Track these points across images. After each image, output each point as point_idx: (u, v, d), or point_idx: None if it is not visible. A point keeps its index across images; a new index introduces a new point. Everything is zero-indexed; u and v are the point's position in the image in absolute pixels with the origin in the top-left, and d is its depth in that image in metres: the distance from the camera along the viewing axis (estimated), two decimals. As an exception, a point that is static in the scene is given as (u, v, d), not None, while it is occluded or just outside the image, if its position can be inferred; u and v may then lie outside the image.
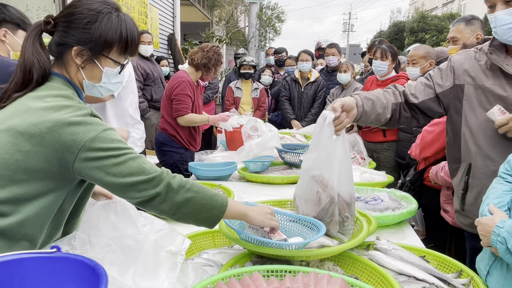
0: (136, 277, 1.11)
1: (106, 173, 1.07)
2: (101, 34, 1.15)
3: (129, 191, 1.10)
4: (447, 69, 1.69)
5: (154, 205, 1.12)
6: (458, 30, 2.75)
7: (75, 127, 1.06)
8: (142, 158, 1.13)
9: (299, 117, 4.60)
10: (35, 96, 1.12)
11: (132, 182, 1.08)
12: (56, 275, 0.91)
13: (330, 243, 1.42)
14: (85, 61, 1.17)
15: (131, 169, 1.09)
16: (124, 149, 1.10)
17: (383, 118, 1.69)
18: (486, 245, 1.22)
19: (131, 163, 1.09)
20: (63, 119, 1.06)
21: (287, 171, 2.77)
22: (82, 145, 1.05)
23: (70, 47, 1.15)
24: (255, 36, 9.77)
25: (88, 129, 1.07)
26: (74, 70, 1.18)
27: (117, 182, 1.08)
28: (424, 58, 3.05)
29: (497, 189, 1.33)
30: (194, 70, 3.20)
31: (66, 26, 1.15)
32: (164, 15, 8.13)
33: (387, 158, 3.46)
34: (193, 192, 1.16)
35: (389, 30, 30.13)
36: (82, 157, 1.06)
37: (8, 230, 1.06)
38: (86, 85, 1.21)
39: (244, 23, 13.89)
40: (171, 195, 1.12)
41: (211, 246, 1.63)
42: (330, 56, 4.71)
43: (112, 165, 1.07)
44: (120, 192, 1.12)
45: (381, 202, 1.97)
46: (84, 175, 1.10)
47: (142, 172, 1.09)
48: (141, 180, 1.09)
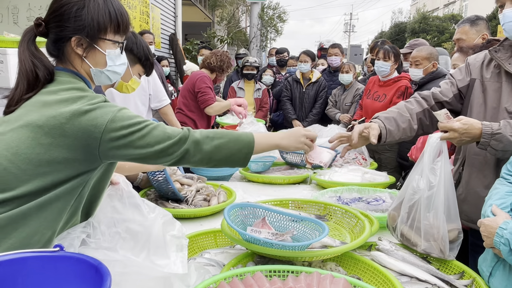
0: (151, 257, 1.17)
1: (135, 148, 1.11)
2: (92, 18, 1.16)
3: (161, 157, 1.15)
4: (465, 66, 1.77)
5: (187, 160, 1.18)
6: (463, 31, 2.74)
7: (92, 113, 1.08)
8: (162, 125, 1.18)
9: (300, 117, 4.60)
10: (48, 91, 1.13)
11: (162, 149, 1.13)
12: (59, 274, 0.91)
13: (333, 244, 1.42)
14: (86, 49, 1.18)
15: (157, 137, 1.13)
16: (144, 122, 1.14)
17: (410, 131, 1.73)
18: (489, 246, 1.22)
19: (154, 132, 1.13)
20: (80, 108, 1.08)
21: (289, 171, 2.77)
22: (103, 127, 1.07)
23: (68, 39, 1.16)
24: (257, 36, 9.77)
25: (105, 111, 1.09)
26: (79, 61, 1.19)
27: (148, 152, 1.12)
28: (427, 59, 3.05)
29: (500, 190, 1.33)
30: (209, 72, 3.52)
31: (58, 20, 1.15)
32: (166, 14, 8.14)
33: (388, 159, 3.46)
34: (218, 138, 1.21)
35: (390, 30, 30.11)
36: (107, 139, 1.08)
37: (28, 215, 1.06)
38: (94, 73, 1.22)
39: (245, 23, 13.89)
40: (199, 147, 1.18)
41: (213, 246, 1.63)
42: (332, 56, 4.70)
43: (138, 138, 1.11)
44: (152, 161, 1.16)
45: (382, 202, 1.97)
46: (112, 156, 1.13)
47: (168, 137, 1.14)
48: (169, 144, 1.14)
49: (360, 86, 4.22)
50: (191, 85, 3.46)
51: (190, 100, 3.48)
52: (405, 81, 3.36)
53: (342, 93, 4.33)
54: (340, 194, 2.13)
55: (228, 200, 2.09)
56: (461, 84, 1.74)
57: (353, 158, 3.04)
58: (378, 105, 3.43)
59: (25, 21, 4.74)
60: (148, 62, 2.07)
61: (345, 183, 2.32)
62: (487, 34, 2.66)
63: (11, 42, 2.54)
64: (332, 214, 1.77)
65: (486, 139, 1.45)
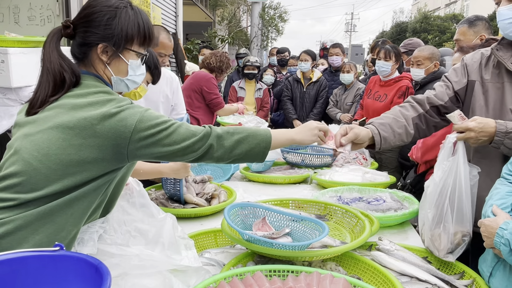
0: (166, 251, 1.22)
1: (163, 145, 1.16)
2: (122, 28, 1.20)
3: (187, 153, 1.20)
4: (461, 67, 1.73)
5: (210, 155, 1.23)
6: (461, 32, 2.73)
7: (121, 114, 1.11)
8: (186, 124, 1.23)
9: (301, 117, 4.59)
10: (76, 94, 1.15)
11: (188, 145, 1.18)
12: (59, 273, 0.91)
13: (333, 243, 1.42)
14: (110, 57, 1.22)
15: (182, 135, 1.18)
16: (169, 121, 1.19)
17: (406, 136, 1.70)
18: (489, 246, 1.21)
19: (180, 130, 1.19)
20: (109, 110, 1.11)
21: (289, 171, 2.77)
22: (133, 127, 1.11)
23: (94, 45, 1.19)
24: (258, 36, 9.77)
25: (133, 112, 1.13)
26: (102, 67, 1.22)
27: (175, 149, 1.17)
28: (428, 59, 3.04)
29: (500, 190, 1.32)
30: (209, 72, 3.62)
31: (87, 26, 1.18)
32: (167, 14, 8.13)
33: (389, 159, 3.45)
34: (238, 133, 1.27)
35: (391, 30, 30.09)
36: (136, 138, 1.12)
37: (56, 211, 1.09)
38: (115, 80, 1.26)
39: (246, 23, 13.88)
40: (221, 142, 1.23)
41: (213, 245, 1.63)
42: (334, 56, 4.70)
43: (165, 136, 1.16)
44: (179, 157, 1.21)
45: (383, 202, 1.96)
46: (140, 155, 1.17)
47: (193, 134, 1.20)
48: (194, 141, 1.19)
49: (361, 85, 4.22)
50: (197, 85, 3.55)
51: (195, 100, 3.56)
52: (406, 81, 3.36)
53: (343, 93, 4.32)
54: (340, 194, 2.12)
55: (228, 199, 2.09)
56: (458, 87, 1.71)
57: (354, 158, 3.04)
58: (379, 105, 3.43)
59: (26, 21, 4.74)
60: (157, 70, 2.13)
61: (345, 183, 2.32)
62: (484, 35, 2.65)
63: (12, 41, 2.54)
64: (333, 214, 1.77)
65: (500, 138, 1.43)
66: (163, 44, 2.45)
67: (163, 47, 2.47)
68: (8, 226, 1.05)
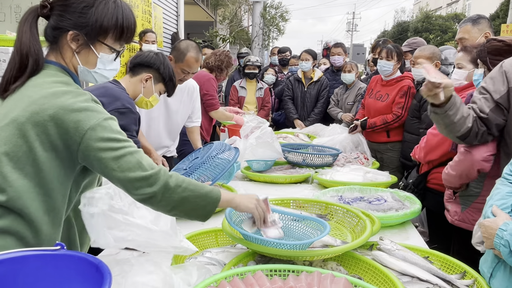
0: (169, 230, 1.22)
1: (105, 166, 1.09)
2: (97, 19, 1.15)
3: (127, 187, 1.11)
4: (498, 74, 1.70)
5: (152, 203, 1.14)
6: (465, 30, 2.71)
7: (77, 114, 1.07)
8: (141, 153, 1.14)
9: (302, 117, 4.59)
10: (33, 84, 1.13)
11: (129, 178, 1.10)
12: (60, 272, 0.91)
13: (334, 243, 1.42)
14: (80, 46, 1.17)
15: (129, 163, 1.10)
16: (123, 141, 1.11)
17: (465, 125, 1.67)
18: (489, 247, 1.21)
19: (129, 157, 1.10)
20: (64, 105, 1.07)
21: (290, 171, 2.77)
22: (84, 133, 1.06)
23: (65, 31, 1.15)
24: (259, 35, 9.76)
25: (90, 116, 1.08)
26: (69, 55, 1.18)
27: (116, 176, 1.10)
28: (429, 59, 3.03)
29: (501, 190, 1.32)
30: (209, 72, 3.60)
31: (62, 10, 1.15)
32: (168, 14, 8.14)
33: (390, 158, 3.45)
34: (190, 191, 1.17)
35: (393, 30, 30.05)
36: (84, 145, 1.07)
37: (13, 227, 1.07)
38: (81, 70, 1.21)
39: (247, 22, 13.88)
40: (168, 194, 1.14)
41: (214, 245, 1.63)
42: (335, 55, 4.69)
43: (111, 158, 1.08)
44: (118, 185, 1.14)
45: (384, 202, 1.96)
46: (87, 164, 1.12)
47: (140, 168, 1.10)
48: (138, 177, 1.10)
49: (363, 85, 4.21)
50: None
51: None
52: (408, 81, 3.35)
53: (344, 92, 4.32)
54: (341, 193, 2.12)
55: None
56: (498, 95, 1.67)
57: (355, 157, 3.04)
58: (380, 105, 3.42)
59: (27, 20, 4.75)
60: (171, 83, 2.16)
61: (346, 182, 2.31)
62: (489, 33, 2.64)
63: (14, 41, 2.54)
64: (334, 214, 1.77)
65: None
66: (188, 62, 2.41)
67: (188, 65, 2.42)
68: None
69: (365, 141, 3.38)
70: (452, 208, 2.09)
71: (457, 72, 2.36)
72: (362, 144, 3.36)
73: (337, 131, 3.63)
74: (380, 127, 3.38)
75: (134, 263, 1.14)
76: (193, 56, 2.41)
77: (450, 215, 2.11)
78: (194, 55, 2.42)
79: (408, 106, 3.26)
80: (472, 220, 1.96)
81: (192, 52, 2.42)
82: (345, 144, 3.35)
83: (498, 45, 1.89)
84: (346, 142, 3.37)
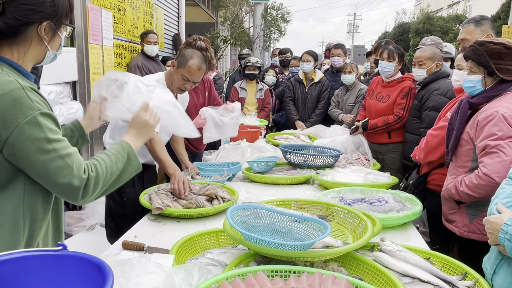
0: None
1: (32, 169, 1.08)
2: (62, 4, 1.18)
3: (56, 191, 1.13)
4: None
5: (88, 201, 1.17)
6: (468, 31, 2.71)
7: (5, 108, 1.02)
8: (72, 157, 1.12)
9: (303, 118, 4.59)
10: None
11: (54, 184, 1.09)
12: (62, 272, 0.91)
13: (335, 244, 1.42)
14: (50, 35, 1.19)
15: (57, 169, 1.08)
16: (54, 142, 1.08)
17: None
18: (493, 243, 1.22)
19: (58, 162, 1.08)
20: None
21: (291, 172, 2.77)
22: (11, 131, 1.03)
23: (36, 24, 1.13)
24: (260, 37, 9.76)
25: (18, 112, 1.03)
26: (26, 47, 1.15)
27: (40, 178, 1.09)
28: (430, 60, 3.04)
29: (506, 189, 1.33)
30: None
31: (27, 4, 1.10)
32: (169, 15, 8.14)
33: (392, 159, 3.45)
34: (108, 178, 1.20)
35: (394, 31, 30.02)
36: (10, 143, 1.04)
37: None
38: (48, 55, 1.21)
39: (249, 24, 13.88)
40: (93, 196, 1.17)
41: (215, 246, 1.63)
42: (335, 56, 4.70)
43: (39, 162, 1.06)
44: (43, 183, 1.12)
45: (385, 203, 1.96)
46: (14, 162, 1.08)
47: (70, 174, 1.09)
48: (67, 183, 1.09)
49: (363, 86, 4.21)
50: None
51: None
52: (408, 82, 3.35)
53: (344, 94, 4.32)
54: (342, 194, 2.12)
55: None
56: None
57: (356, 158, 3.04)
58: (381, 106, 3.42)
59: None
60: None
61: (347, 183, 2.31)
62: (492, 34, 2.64)
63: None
64: (335, 215, 1.77)
65: None
66: (189, 69, 2.29)
67: (188, 71, 2.29)
68: None
69: (366, 142, 3.38)
70: (459, 219, 2.04)
71: (457, 73, 2.36)
72: (363, 145, 3.36)
73: (338, 132, 3.64)
74: (381, 128, 3.38)
75: (136, 263, 1.14)
76: (195, 64, 2.29)
77: (458, 226, 2.06)
78: (197, 63, 2.30)
79: (409, 107, 3.26)
80: (484, 230, 1.88)
81: (195, 59, 2.30)
82: (346, 145, 3.35)
83: (497, 48, 1.87)
84: (347, 143, 3.37)
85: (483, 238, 1.86)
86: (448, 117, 2.30)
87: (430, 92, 2.99)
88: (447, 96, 2.88)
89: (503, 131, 1.81)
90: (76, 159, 1.13)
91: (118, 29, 5.03)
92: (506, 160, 1.79)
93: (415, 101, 3.17)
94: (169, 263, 1.28)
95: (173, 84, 2.40)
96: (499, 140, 1.82)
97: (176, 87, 2.39)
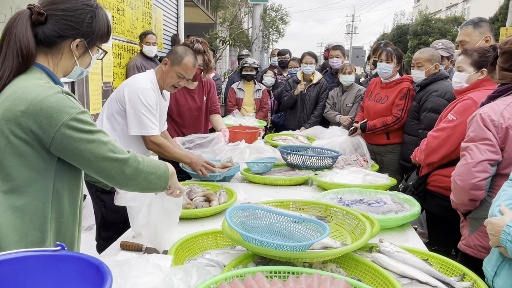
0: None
1: (79, 155, 1.17)
2: (99, 28, 1.29)
3: (101, 173, 1.22)
4: None
5: (122, 185, 1.28)
6: (466, 33, 2.72)
7: (49, 109, 1.12)
8: (111, 141, 1.24)
9: (302, 120, 4.58)
10: (16, 83, 1.17)
11: (103, 166, 1.21)
12: (60, 273, 0.91)
13: (333, 245, 1.42)
14: (80, 51, 1.28)
15: (105, 151, 1.20)
16: (96, 133, 1.20)
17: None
18: (495, 245, 1.22)
19: (103, 147, 1.20)
20: (35, 100, 1.11)
21: (290, 173, 2.77)
22: (57, 127, 1.12)
23: (69, 39, 1.23)
24: (259, 38, 9.77)
25: (62, 110, 1.13)
26: (59, 58, 1.25)
27: (90, 164, 1.19)
28: (429, 61, 3.05)
29: (508, 191, 1.33)
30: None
31: (68, 20, 1.21)
32: (168, 16, 8.14)
33: (390, 160, 3.45)
34: (150, 173, 1.33)
35: (392, 32, 30.07)
36: (59, 138, 1.13)
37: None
38: (75, 70, 1.30)
39: (247, 25, 13.89)
40: (136, 176, 1.29)
41: (213, 246, 1.63)
42: (334, 58, 4.70)
43: (86, 149, 1.17)
44: (93, 174, 1.23)
45: (384, 204, 1.96)
46: (63, 156, 1.19)
47: (113, 153, 1.22)
48: (113, 158, 1.21)
49: (361, 87, 4.22)
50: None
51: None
52: (407, 83, 3.36)
53: (341, 94, 4.32)
54: (341, 195, 2.13)
55: (229, 201, 2.09)
56: None
57: (355, 159, 3.04)
58: (380, 107, 3.43)
59: (28, 22, 4.76)
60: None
61: (346, 184, 2.32)
62: (490, 36, 2.65)
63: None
64: (333, 216, 1.77)
65: None
66: (185, 66, 2.37)
67: (184, 69, 2.37)
68: None
69: (365, 144, 3.39)
70: (463, 231, 2.01)
71: (457, 75, 2.37)
72: (361, 146, 3.37)
73: (337, 134, 3.64)
74: (380, 129, 3.38)
75: (134, 264, 1.14)
76: (191, 61, 2.38)
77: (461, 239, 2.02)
78: (192, 60, 2.39)
79: (408, 108, 3.27)
80: (479, 246, 1.85)
81: (190, 57, 2.39)
82: (345, 147, 3.35)
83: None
84: (345, 144, 3.38)
85: (477, 254, 1.86)
86: (449, 118, 2.31)
87: (428, 93, 2.99)
88: (445, 98, 2.88)
89: (475, 132, 1.83)
90: (114, 143, 1.26)
91: (117, 29, 5.03)
92: (469, 163, 1.81)
93: (414, 103, 3.18)
94: (168, 263, 1.28)
95: (165, 82, 2.42)
96: (470, 142, 1.84)
97: (169, 85, 2.41)
